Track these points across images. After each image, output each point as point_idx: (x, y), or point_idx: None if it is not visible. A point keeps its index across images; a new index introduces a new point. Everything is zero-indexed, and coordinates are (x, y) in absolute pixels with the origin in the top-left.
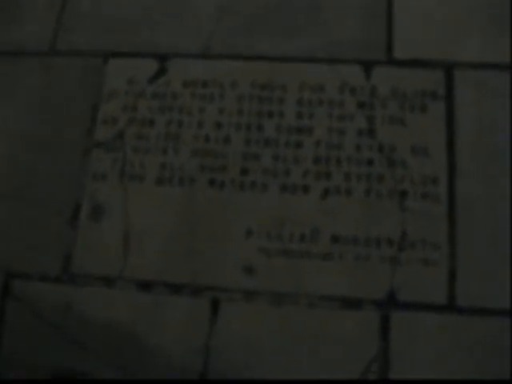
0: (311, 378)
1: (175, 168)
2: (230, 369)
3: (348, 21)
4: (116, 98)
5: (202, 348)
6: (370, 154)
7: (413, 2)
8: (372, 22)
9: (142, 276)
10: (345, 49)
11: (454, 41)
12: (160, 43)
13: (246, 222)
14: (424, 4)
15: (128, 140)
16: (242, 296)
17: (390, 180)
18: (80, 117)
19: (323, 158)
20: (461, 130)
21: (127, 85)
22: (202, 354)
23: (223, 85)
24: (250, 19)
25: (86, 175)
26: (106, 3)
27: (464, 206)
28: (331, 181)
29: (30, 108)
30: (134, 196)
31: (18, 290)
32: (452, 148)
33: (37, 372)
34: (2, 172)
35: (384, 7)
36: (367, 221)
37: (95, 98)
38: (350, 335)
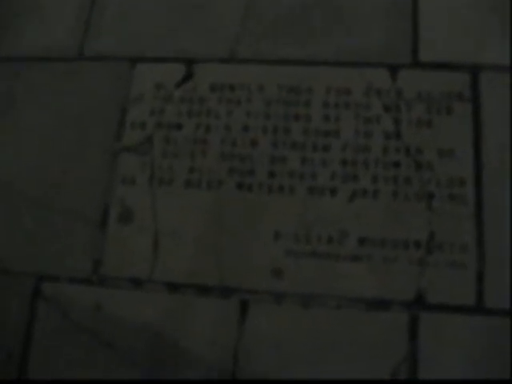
0: (339, 379)
1: (203, 171)
2: (259, 370)
3: (372, 24)
4: (143, 102)
5: (231, 349)
6: (397, 156)
7: (438, 5)
8: (397, 24)
9: (170, 278)
10: (370, 52)
11: (480, 43)
12: (186, 48)
13: (273, 225)
14: (450, 6)
15: (156, 144)
16: (270, 298)
17: (417, 182)
18: (108, 121)
19: (350, 160)
20: (487, 132)
21: (155, 89)
22: (231, 355)
23: (250, 88)
24: (274, 23)
25: (114, 179)
26: (132, 9)
27: (491, 208)
28: (358, 183)
29: (57, 113)
30: (162, 199)
31: (48, 292)
32: (478, 149)
33: (66, 371)
34: (32, 176)
35: (409, 10)
36: (394, 223)
37: (123, 102)
38: (379, 336)
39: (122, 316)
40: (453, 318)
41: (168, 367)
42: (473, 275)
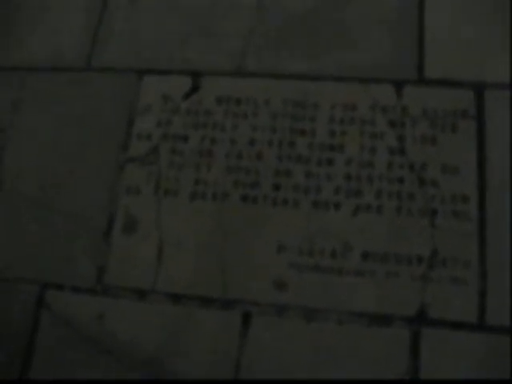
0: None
1: (209, 183)
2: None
3: (378, 40)
4: (150, 113)
5: (233, 361)
6: (401, 172)
7: (443, 22)
8: (402, 40)
9: (173, 289)
10: (376, 68)
11: (485, 61)
12: (194, 60)
13: (277, 237)
14: (455, 23)
15: (162, 155)
16: (273, 310)
17: (420, 198)
18: (115, 131)
19: (354, 175)
20: (491, 149)
21: (162, 101)
22: (232, 367)
23: (256, 102)
24: (280, 38)
25: (120, 189)
26: (140, 21)
27: (494, 225)
28: (362, 198)
29: (64, 122)
30: (167, 210)
31: (51, 301)
32: (482, 167)
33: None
34: (37, 184)
35: (414, 26)
36: (398, 238)
37: (130, 113)
38: (380, 351)
39: (124, 326)
40: (454, 334)
41: (168, 376)
42: (475, 292)
